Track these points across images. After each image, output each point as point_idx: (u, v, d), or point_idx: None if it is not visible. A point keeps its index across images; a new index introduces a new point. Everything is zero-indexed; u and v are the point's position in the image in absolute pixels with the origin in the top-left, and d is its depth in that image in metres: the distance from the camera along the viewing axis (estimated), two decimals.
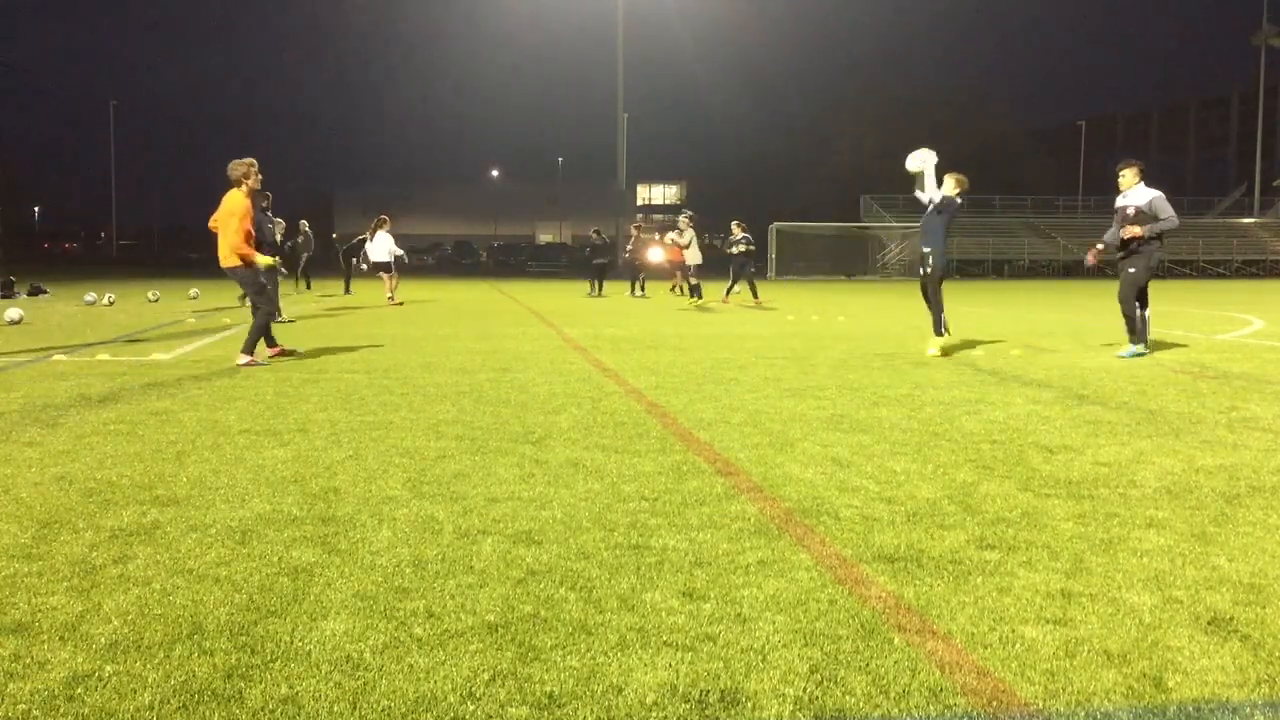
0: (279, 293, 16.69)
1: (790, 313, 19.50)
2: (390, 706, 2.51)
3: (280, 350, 10.34)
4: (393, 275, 22.18)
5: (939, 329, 10.82)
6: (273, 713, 2.48)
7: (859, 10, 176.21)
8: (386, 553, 3.73)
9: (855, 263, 55.90)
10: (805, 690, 2.62)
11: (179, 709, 2.49)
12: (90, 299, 20.49)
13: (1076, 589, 3.40)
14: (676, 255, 23.80)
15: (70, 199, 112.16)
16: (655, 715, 2.49)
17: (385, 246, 22.12)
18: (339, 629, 3.00)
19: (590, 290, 27.43)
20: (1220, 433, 6.26)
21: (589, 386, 8.23)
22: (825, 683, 2.67)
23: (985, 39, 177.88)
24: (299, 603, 3.22)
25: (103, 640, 2.90)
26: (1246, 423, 6.62)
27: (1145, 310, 10.88)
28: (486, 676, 2.68)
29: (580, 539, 3.92)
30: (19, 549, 3.75)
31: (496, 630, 3.00)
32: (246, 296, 15.72)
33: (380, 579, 3.45)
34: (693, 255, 22.56)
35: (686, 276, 22.56)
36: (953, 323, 10.96)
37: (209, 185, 9.60)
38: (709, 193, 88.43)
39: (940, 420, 6.66)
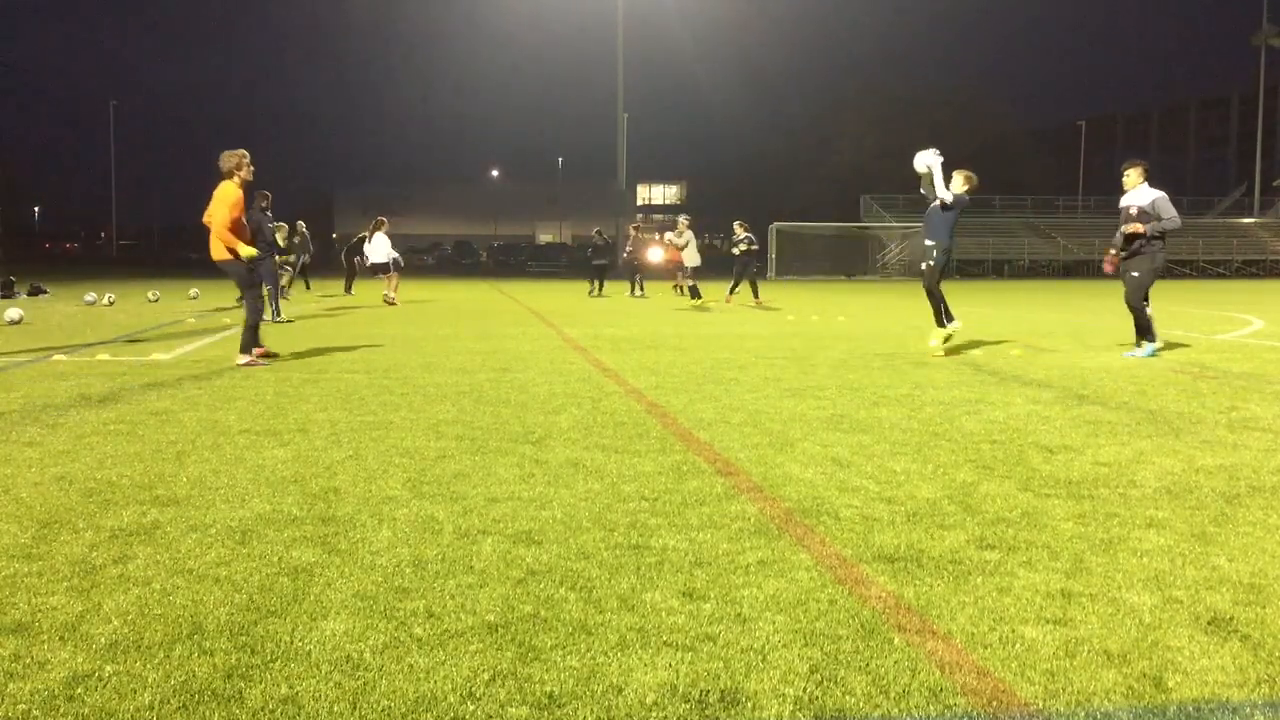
0: (279, 293, 16.78)
1: (790, 313, 19.50)
2: (390, 706, 2.51)
3: (263, 351, 10.01)
4: (391, 276, 22.19)
5: (941, 320, 10.81)
6: (273, 713, 2.48)
7: (859, 10, 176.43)
8: (386, 553, 3.73)
9: (855, 263, 55.93)
10: (805, 690, 2.62)
11: (179, 709, 2.49)
12: (90, 299, 20.50)
13: (1076, 589, 3.40)
14: (675, 256, 23.87)
15: (70, 199, 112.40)
16: (655, 715, 2.49)
17: (383, 248, 22.13)
18: (339, 629, 3.00)
19: (591, 290, 27.45)
20: (1220, 433, 6.26)
21: (589, 386, 8.23)
22: (825, 683, 2.67)
23: (985, 39, 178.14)
24: (299, 603, 3.22)
25: (103, 640, 2.90)
26: (1246, 423, 6.62)
27: (1147, 310, 10.89)
28: (486, 676, 2.68)
29: (580, 539, 3.92)
30: (19, 549, 3.75)
31: (496, 630, 3.00)
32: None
33: (380, 579, 3.45)
34: (691, 257, 22.61)
35: (685, 278, 22.62)
36: (955, 320, 10.94)
37: (209, 185, 9.53)
38: (709, 193, 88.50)
39: (940, 420, 6.66)
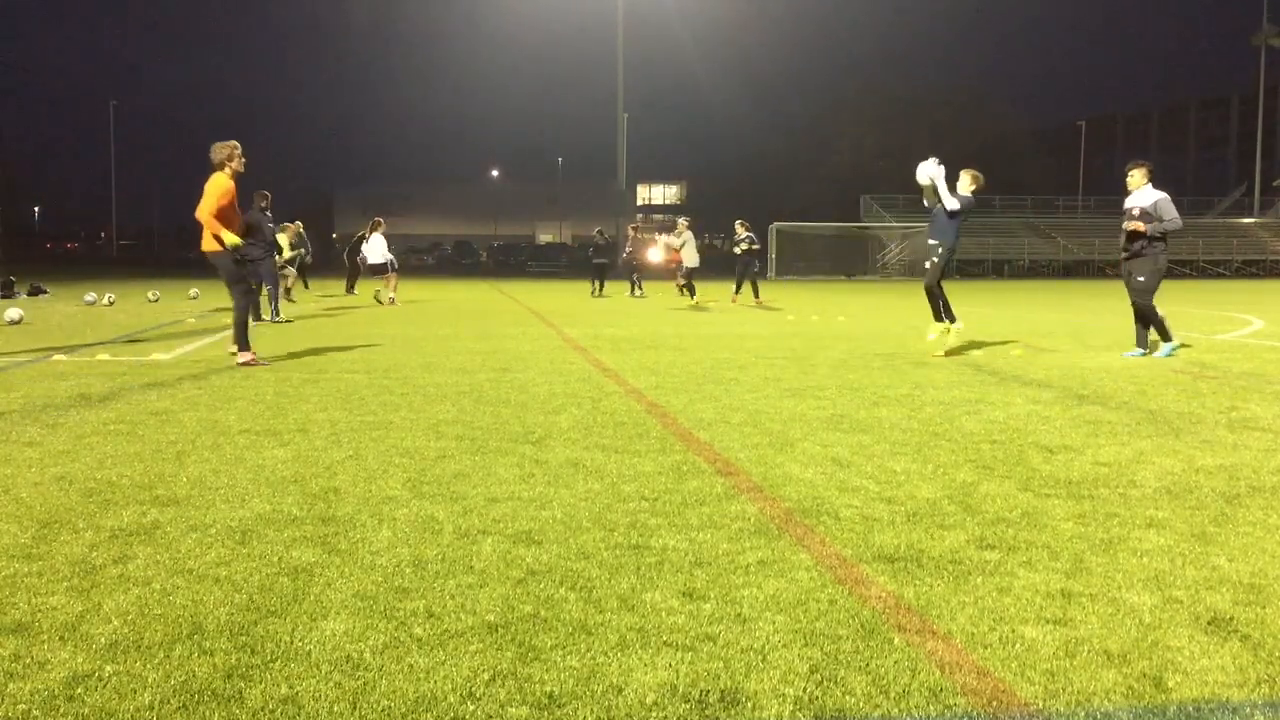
0: (278, 294, 16.77)
1: (790, 313, 19.50)
2: (390, 706, 2.51)
3: (249, 361, 9.62)
4: (389, 277, 22.21)
5: (939, 315, 10.78)
6: (273, 713, 2.48)
7: (859, 10, 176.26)
8: (386, 553, 3.73)
9: (855, 263, 55.94)
10: (805, 690, 2.62)
11: (179, 709, 2.49)
12: (90, 299, 20.50)
13: (1076, 589, 3.40)
14: (676, 257, 23.91)
15: (70, 199, 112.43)
16: (655, 715, 2.49)
17: (380, 248, 22.16)
18: (339, 629, 3.00)
19: (593, 290, 27.46)
20: (1220, 433, 6.26)
21: (589, 386, 8.23)
22: (825, 683, 2.67)
23: (985, 39, 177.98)
24: (299, 603, 3.22)
25: (103, 640, 2.90)
26: (1246, 423, 6.62)
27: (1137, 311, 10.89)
28: (486, 676, 2.68)
29: (580, 539, 3.92)
30: (19, 549, 3.75)
31: (496, 630, 3.00)
32: (256, 290, 15.88)
33: (380, 579, 3.45)
34: (689, 257, 22.67)
35: (682, 277, 22.69)
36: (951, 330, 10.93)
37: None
38: (709, 193, 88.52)
39: (940, 420, 6.66)
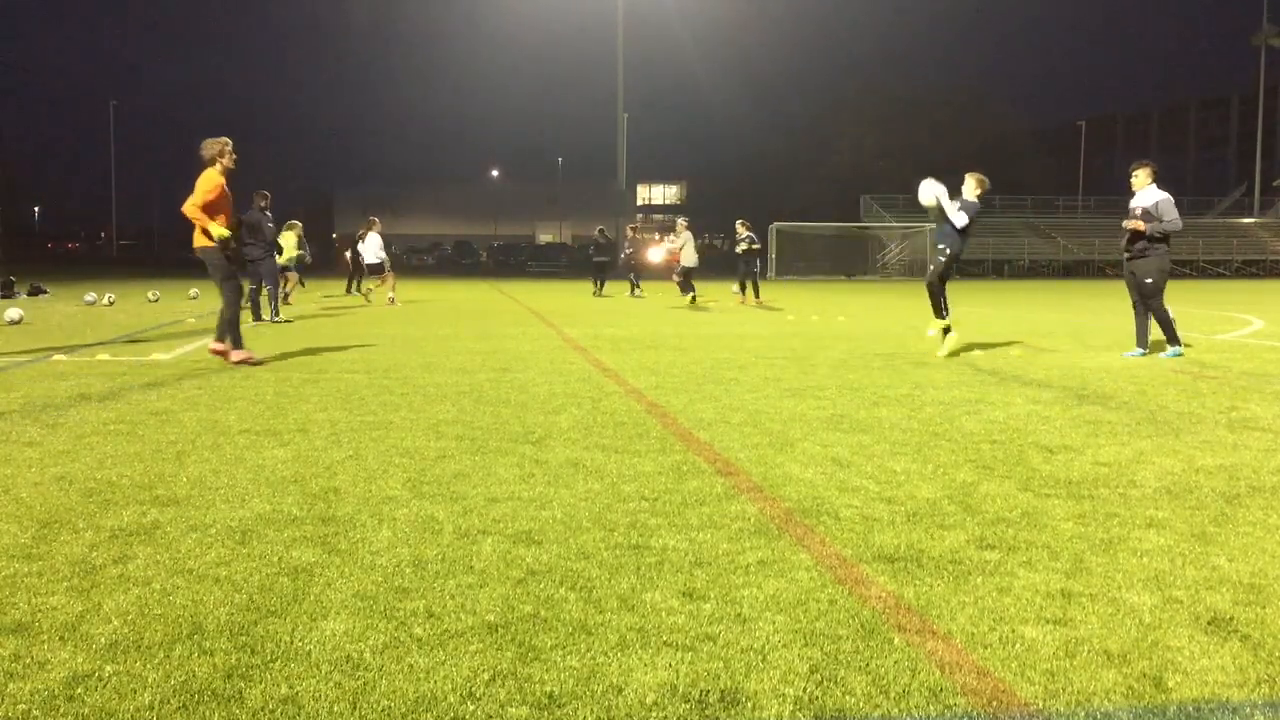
0: (278, 294, 16.76)
1: (790, 313, 19.51)
2: (390, 706, 2.51)
3: (221, 351, 9.57)
4: (386, 276, 22.24)
5: (940, 312, 10.73)
6: (273, 713, 2.48)
7: (859, 10, 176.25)
8: (386, 553, 3.73)
9: (855, 263, 55.96)
10: (805, 690, 2.62)
11: (179, 709, 2.49)
12: (90, 299, 20.50)
13: (1076, 589, 3.40)
14: (676, 256, 23.97)
15: (70, 199, 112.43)
16: (655, 715, 2.49)
17: (375, 248, 22.19)
18: (339, 629, 3.00)
19: (595, 290, 27.47)
20: (1220, 433, 6.26)
21: (589, 386, 8.23)
22: (825, 683, 2.67)
23: (985, 39, 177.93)
24: (299, 603, 3.22)
25: (103, 640, 2.90)
26: (1246, 423, 6.62)
27: (1148, 311, 10.88)
28: (486, 676, 2.68)
29: (580, 539, 3.92)
30: (19, 549, 3.75)
31: (496, 630, 3.00)
32: (251, 291, 15.88)
33: (380, 579, 3.45)
34: (688, 257, 22.71)
35: (678, 276, 22.75)
36: (953, 323, 10.89)
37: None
38: (709, 193, 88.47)
39: (940, 420, 6.66)
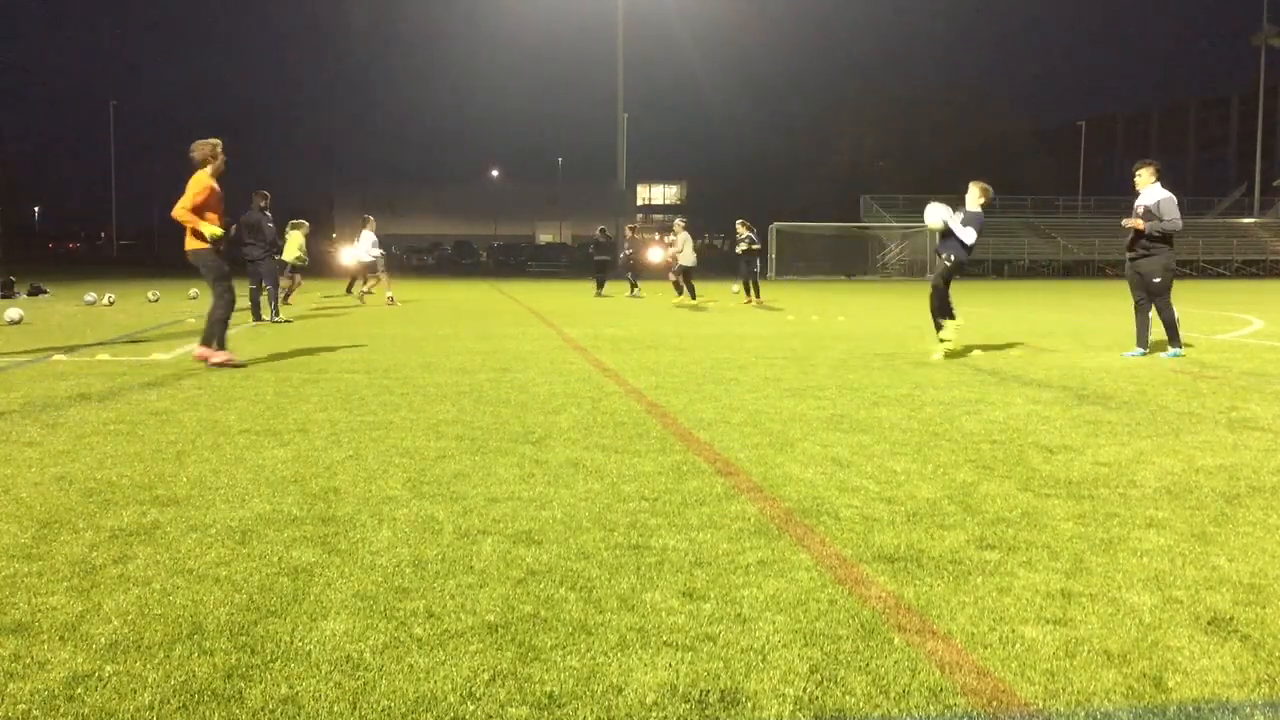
0: (278, 294, 16.75)
1: (790, 313, 19.51)
2: (390, 706, 2.51)
3: (206, 354, 9.41)
4: (377, 276, 22.26)
5: (949, 313, 10.60)
6: (273, 713, 2.48)
7: (859, 10, 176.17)
8: (386, 553, 3.73)
9: (855, 263, 55.95)
10: (805, 690, 2.62)
11: (179, 709, 2.49)
12: (90, 299, 20.50)
13: (1076, 589, 3.40)
14: (674, 257, 23.98)
15: (70, 199, 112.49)
16: (655, 715, 2.49)
17: (367, 246, 22.22)
18: (339, 629, 3.00)
19: (596, 289, 27.48)
20: (1220, 433, 6.26)
21: (589, 386, 8.23)
22: (825, 683, 2.67)
23: (985, 39, 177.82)
24: (299, 603, 3.22)
25: (103, 640, 2.90)
26: (1246, 423, 6.62)
27: (1149, 312, 10.88)
28: (486, 676, 2.68)
29: (580, 539, 3.92)
30: (19, 549, 3.75)
31: (496, 630, 3.00)
32: (251, 291, 15.87)
33: (380, 579, 3.45)
34: (686, 256, 22.73)
35: (680, 276, 22.76)
36: (953, 325, 10.88)
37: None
38: (709, 193, 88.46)
39: (940, 420, 6.66)
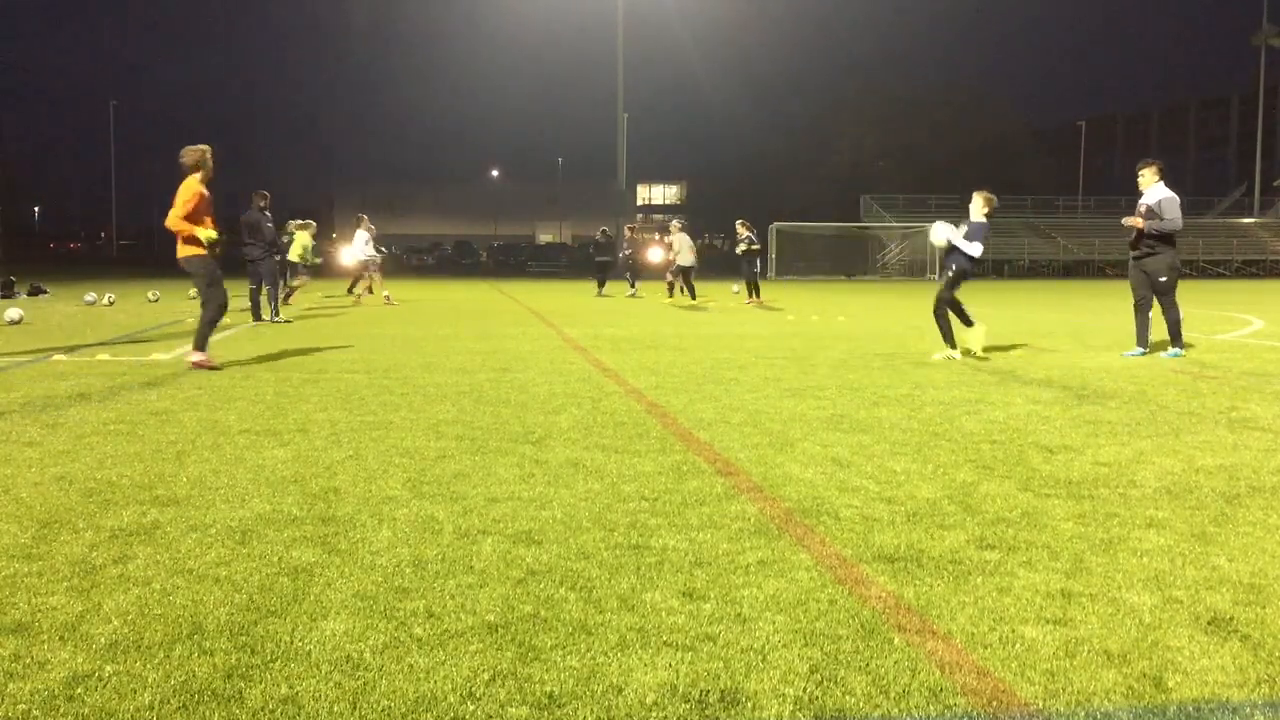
0: (278, 295, 16.76)
1: (790, 313, 19.51)
2: (390, 706, 2.51)
3: (208, 360, 9.31)
4: (369, 275, 22.27)
5: (968, 321, 10.44)
6: (273, 713, 2.48)
7: (859, 10, 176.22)
8: (386, 553, 3.73)
9: (855, 263, 55.95)
10: (805, 690, 2.62)
11: (179, 709, 2.49)
12: (90, 299, 20.50)
13: (1076, 589, 3.40)
14: (672, 258, 24.01)
15: (70, 199, 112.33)
16: (655, 715, 2.49)
17: (360, 245, 22.24)
18: (339, 629, 3.00)
19: (597, 290, 27.49)
20: (1220, 433, 6.26)
21: (589, 386, 8.23)
22: (825, 683, 2.67)
23: (985, 39, 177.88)
24: (299, 603, 3.22)
25: (103, 640, 2.90)
26: (1246, 423, 6.62)
27: (1149, 312, 10.89)
28: (486, 676, 2.68)
29: (580, 539, 3.92)
30: (19, 549, 3.75)
31: (496, 630, 3.00)
32: (251, 291, 15.87)
33: (380, 579, 3.45)
34: (684, 257, 22.75)
35: (678, 277, 22.77)
36: (953, 325, 10.84)
37: (208, 185, 9.49)
38: (709, 193, 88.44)
39: (940, 420, 6.66)
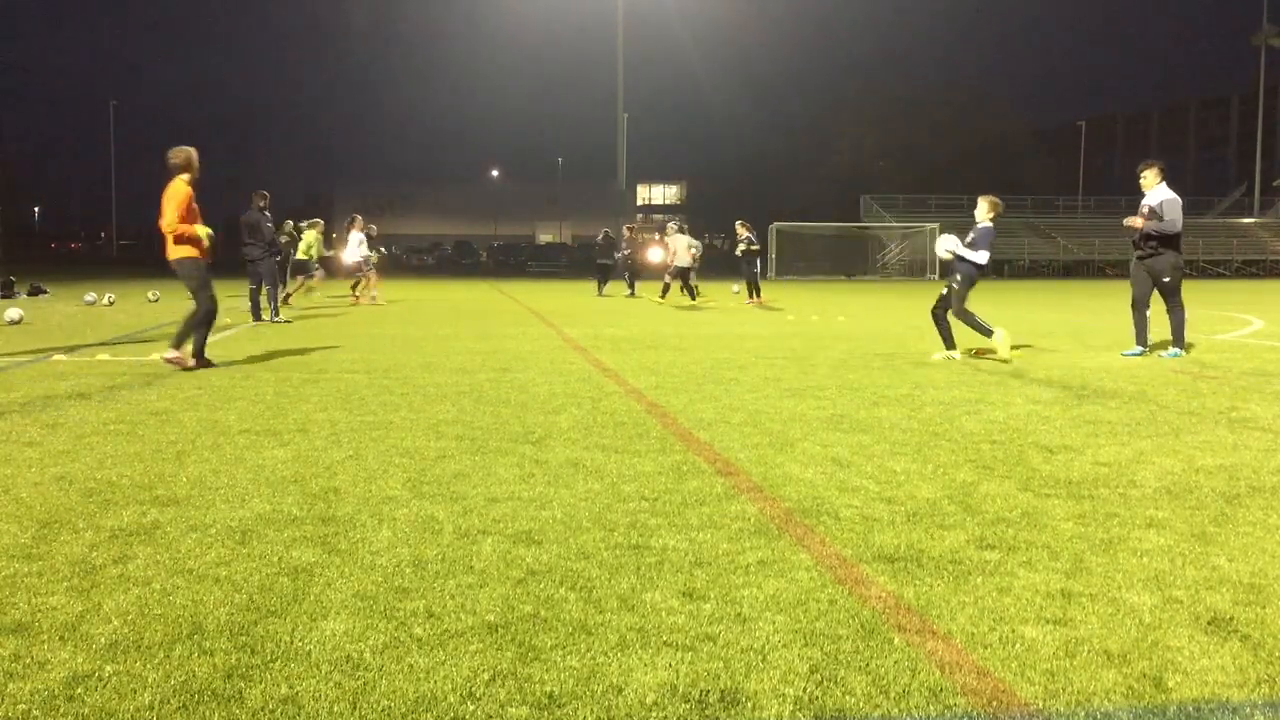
0: (279, 293, 16.76)
1: (790, 313, 19.51)
2: (390, 706, 2.51)
3: (204, 362, 9.35)
4: (363, 275, 22.29)
5: (986, 331, 10.25)
6: (273, 713, 2.48)
7: (859, 10, 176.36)
8: (386, 553, 3.73)
9: (855, 263, 55.93)
10: (805, 690, 2.62)
11: (179, 709, 2.49)
12: (90, 299, 20.51)
13: (1076, 589, 3.40)
14: (671, 259, 24.01)
15: (70, 199, 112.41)
16: (655, 715, 2.49)
17: (353, 245, 22.24)
18: (339, 629, 3.00)
19: (598, 290, 27.50)
20: (1220, 433, 6.26)
21: (589, 386, 8.23)
22: (825, 683, 2.67)
23: (985, 39, 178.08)
24: (299, 603, 3.22)
25: (103, 640, 2.90)
26: (1246, 423, 6.62)
27: (1147, 310, 10.89)
28: (486, 676, 2.68)
29: (580, 539, 3.92)
30: (19, 549, 3.75)
31: (496, 630, 3.00)
32: (251, 291, 15.86)
33: (380, 579, 3.45)
34: (681, 259, 22.76)
35: (675, 279, 22.79)
36: (955, 326, 10.82)
37: (208, 185, 9.51)
38: (709, 193, 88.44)
39: (940, 420, 6.66)
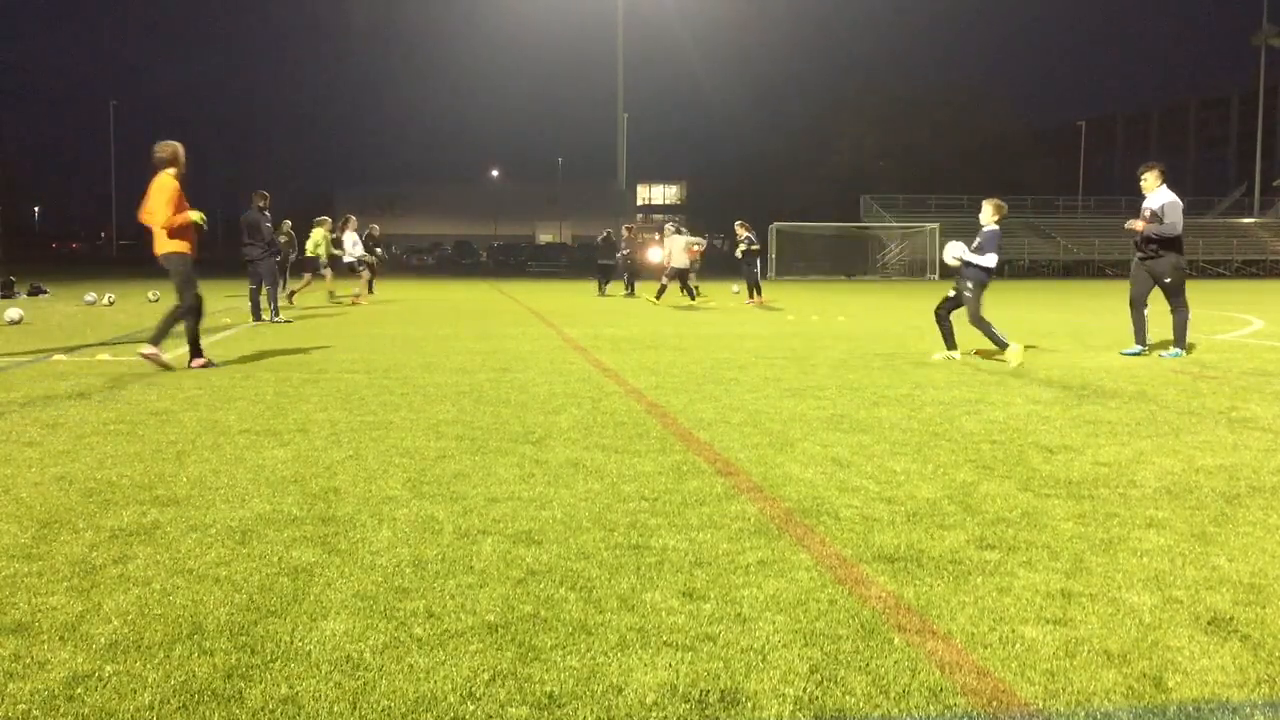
0: (279, 293, 16.75)
1: (790, 313, 19.51)
2: (390, 706, 2.51)
3: (205, 362, 9.25)
4: (359, 275, 22.32)
5: (1001, 343, 10.09)
6: (273, 713, 2.48)
7: (859, 10, 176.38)
8: (386, 553, 3.74)
9: (855, 263, 55.93)
10: (805, 690, 2.62)
11: (179, 709, 2.49)
12: (90, 299, 20.51)
13: (1076, 589, 3.40)
14: (669, 260, 24.00)
15: (70, 199, 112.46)
16: (655, 715, 2.49)
17: (349, 246, 22.26)
18: (339, 629, 3.00)
19: (599, 290, 27.51)
20: (1220, 433, 6.26)
21: (589, 386, 8.23)
22: (825, 683, 2.67)
23: (985, 39, 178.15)
24: (299, 603, 3.22)
25: (103, 640, 2.90)
26: (1246, 423, 6.62)
27: (1146, 309, 10.89)
28: (486, 676, 2.69)
29: (580, 539, 3.92)
30: (19, 549, 3.75)
31: (496, 630, 3.00)
32: (251, 291, 15.85)
33: (380, 579, 3.45)
34: (678, 260, 22.77)
35: (673, 280, 22.80)
36: (956, 326, 10.81)
37: (209, 185, 9.56)
38: (709, 193, 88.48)
39: (940, 420, 6.66)
